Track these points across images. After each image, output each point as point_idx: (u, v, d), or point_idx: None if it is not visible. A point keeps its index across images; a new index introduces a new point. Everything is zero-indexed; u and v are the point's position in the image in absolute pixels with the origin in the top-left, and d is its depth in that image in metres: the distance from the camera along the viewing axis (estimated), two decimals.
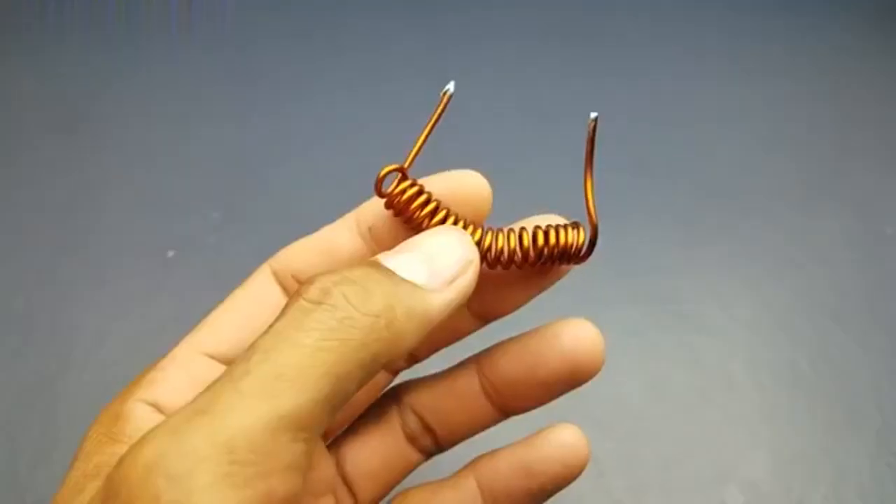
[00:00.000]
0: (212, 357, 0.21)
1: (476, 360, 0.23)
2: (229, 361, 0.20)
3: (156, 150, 0.47)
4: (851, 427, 0.34)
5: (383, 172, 0.21)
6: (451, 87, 0.21)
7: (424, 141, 0.21)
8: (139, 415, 0.19)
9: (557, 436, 0.22)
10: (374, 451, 0.23)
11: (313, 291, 0.17)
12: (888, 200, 0.45)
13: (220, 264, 0.39)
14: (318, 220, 0.25)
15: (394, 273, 0.18)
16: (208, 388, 0.16)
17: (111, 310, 0.38)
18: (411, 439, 0.23)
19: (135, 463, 0.15)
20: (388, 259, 0.18)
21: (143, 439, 0.15)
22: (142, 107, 0.50)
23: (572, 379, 0.22)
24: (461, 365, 0.23)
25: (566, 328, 0.22)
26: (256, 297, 0.21)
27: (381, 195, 0.21)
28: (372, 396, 0.23)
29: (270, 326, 0.17)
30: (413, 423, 0.23)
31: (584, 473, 0.32)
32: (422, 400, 0.23)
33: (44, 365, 0.35)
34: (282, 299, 0.21)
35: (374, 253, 0.21)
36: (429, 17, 0.58)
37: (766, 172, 0.46)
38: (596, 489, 0.32)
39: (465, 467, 0.23)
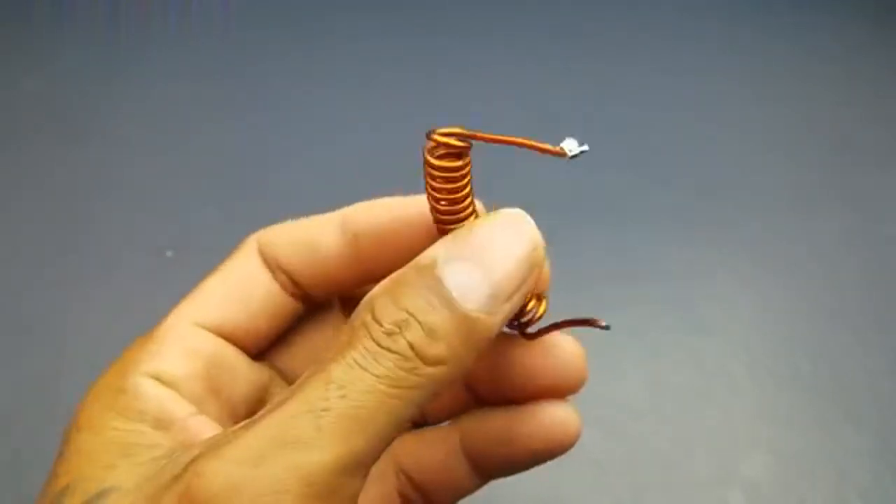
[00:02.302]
0: (203, 327, 0.21)
1: (458, 426, 0.23)
2: (219, 331, 0.21)
3: (156, 150, 0.47)
4: (852, 427, 0.34)
5: (442, 134, 0.18)
6: (570, 146, 0.18)
7: (498, 141, 0.18)
8: (146, 390, 0.19)
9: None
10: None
11: (379, 332, 0.17)
12: (888, 200, 0.45)
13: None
14: None
15: (455, 302, 0.17)
16: (281, 411, 0.16)
17: (111, 310, 0.38)
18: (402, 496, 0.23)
19: (211, 485, 0.15)
20: (447, 274, 0.17)
21: (217, 460, 0.16)
22: (141, 107, 0.50)
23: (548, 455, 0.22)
24: (443, 428, 0.23)
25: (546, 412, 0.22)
26: (244, 271, 0.22)
27: (433, 164, 0.18)
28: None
29: (341, 355, 0.17)
30: (403, 481, 0.23)
31: (584, 473, 0.32)
32: (409, 459, 0.23)
33: (44, 365, 0.35)
34: (267, 279, 0.22)
35: (356, 259, 0.21)
36: (429, 18, 0.58)
37: (766, 172, 0.46)
38: (597, 489, 0.32)
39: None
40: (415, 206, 0.21)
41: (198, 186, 0.44)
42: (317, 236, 0.22)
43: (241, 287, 0.22)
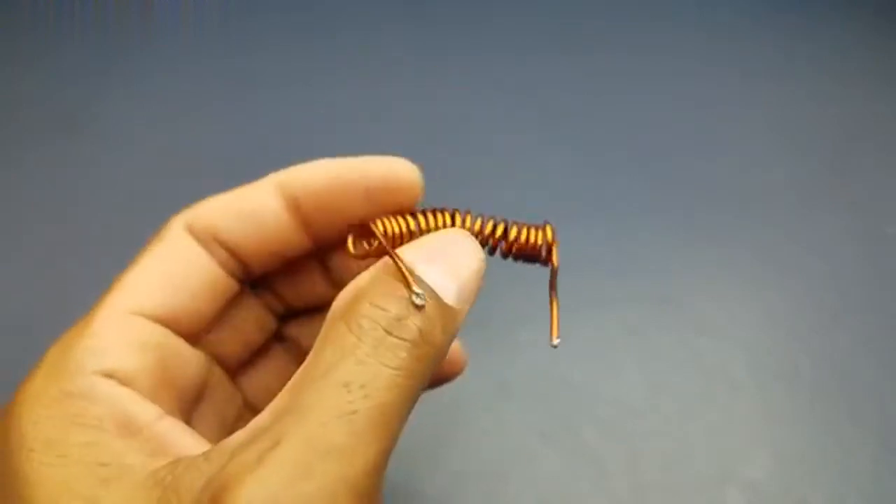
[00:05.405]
0: (142, 316, 0.20)
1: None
2: (161, 319, 0.20)
3: (155, 149, 0.47)
4: (853, 427, 0.34)
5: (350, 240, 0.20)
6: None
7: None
8: (104, 391, 0.17)
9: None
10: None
11: (389, 320, 0.17)
12: (888, 200, 0.45)
13: None
14: None
15: (438, 297, 0.18)
16: (305, 420, 0.16)
17: None
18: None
19: None
20: (428, 273, 0.18)
21: (255, 484, 0.15)
22: (141, 107, 0.50)
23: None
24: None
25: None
26: (176, 254, 0.21)
27: (359, 255, 0.20)
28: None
29: (350, 353, 0.17)
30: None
31: (585, 473, 0.32)
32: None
33: None
34: (204, 258, 0.21)
35: (298, 226, 0.21)
36: (428, 19, 0.58)
37: (766, 172, 0.46)
38: (597, 489, 0.32)
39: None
40: (353, 168, 0.21)
41: (199, 186, 0.44)
42: (256, 205, 0.21)
43: (176, 270, 0.21)
